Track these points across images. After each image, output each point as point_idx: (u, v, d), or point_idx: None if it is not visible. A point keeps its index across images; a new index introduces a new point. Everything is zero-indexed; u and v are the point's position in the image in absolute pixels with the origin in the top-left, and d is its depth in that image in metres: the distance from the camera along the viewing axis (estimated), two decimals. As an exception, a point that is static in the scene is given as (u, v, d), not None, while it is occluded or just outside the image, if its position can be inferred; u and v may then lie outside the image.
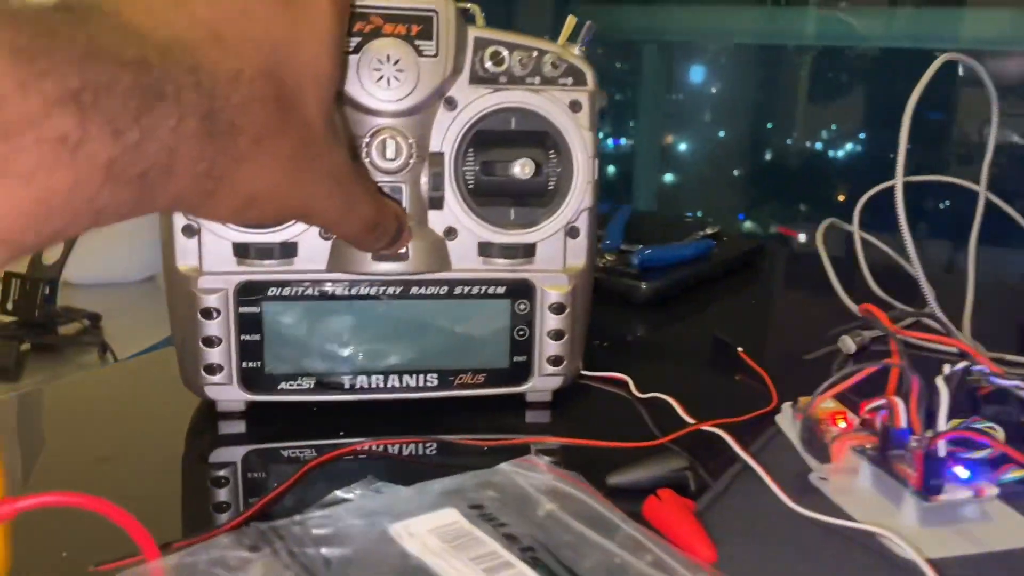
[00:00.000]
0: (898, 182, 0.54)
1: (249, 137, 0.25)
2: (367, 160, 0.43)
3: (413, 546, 0.30)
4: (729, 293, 0.73)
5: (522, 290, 0.47)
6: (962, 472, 0.38)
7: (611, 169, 1.97)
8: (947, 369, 0.42)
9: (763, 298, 0.75)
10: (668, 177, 1.99)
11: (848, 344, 0.58)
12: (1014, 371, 0.54)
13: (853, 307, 0.63)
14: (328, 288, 0.45)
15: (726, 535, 0.36)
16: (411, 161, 0.43)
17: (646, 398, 0.50)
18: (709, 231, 0.79)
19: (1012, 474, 0.39)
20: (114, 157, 0.22)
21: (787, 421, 0.46)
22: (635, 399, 0.50)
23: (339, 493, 0.38)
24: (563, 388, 0.49)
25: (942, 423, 0.38)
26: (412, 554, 0.30)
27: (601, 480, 0.40)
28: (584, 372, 0.52)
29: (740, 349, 0.56)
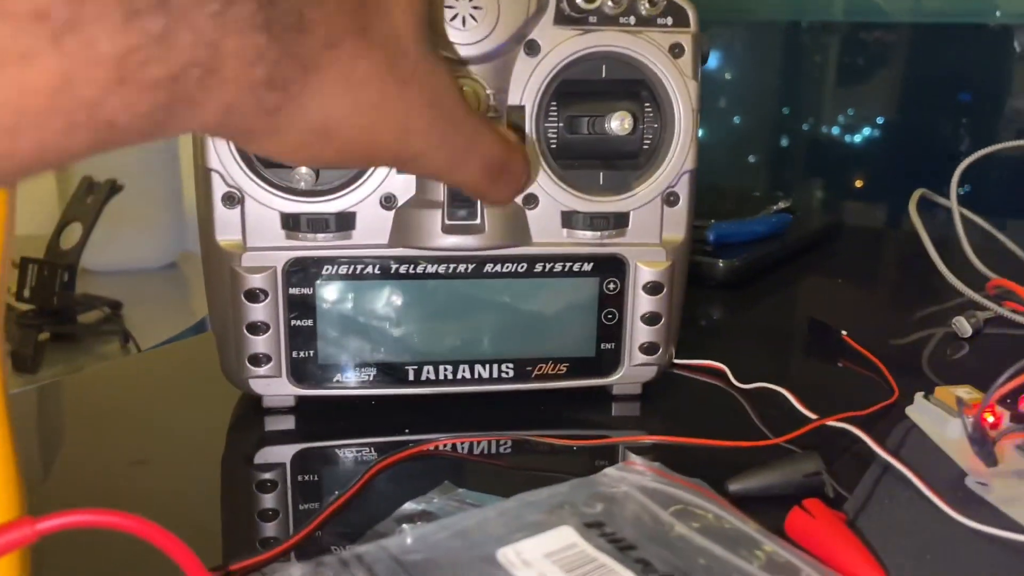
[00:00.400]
0: (1029, 141, 0.48)
1: (321, 38, 0.19)
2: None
3: (531, 578, 0.24)
4: (809, 271, 0.67)
5: (612, 267, 0.40)
6: None
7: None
8: None
9: (849, 277, 0.69)
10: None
11: (964, 326, 0.51)
12: None
13: (960, 285, 0.56)
14: (391, 266, 0.39)
15: (886, 553, 0.30)
16: (489, 116, 0.37)
17: (749, 389, 0.44)
18: (782, 205, 0.72)
19: None
20: (128, 49, 0.15)
21: (922, 414, 0.40)
22: (736, 390, 0.44)
23: (413, 504, 0.32)
24: (654, 379, 0.43)
25: None
26: (532, 589, 0.24)
27: (718, 487, 0.34)
28: (675, 360, 0.45)
29: (844, 333, 0.50)
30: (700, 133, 0.40)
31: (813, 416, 0.39)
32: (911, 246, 0.65)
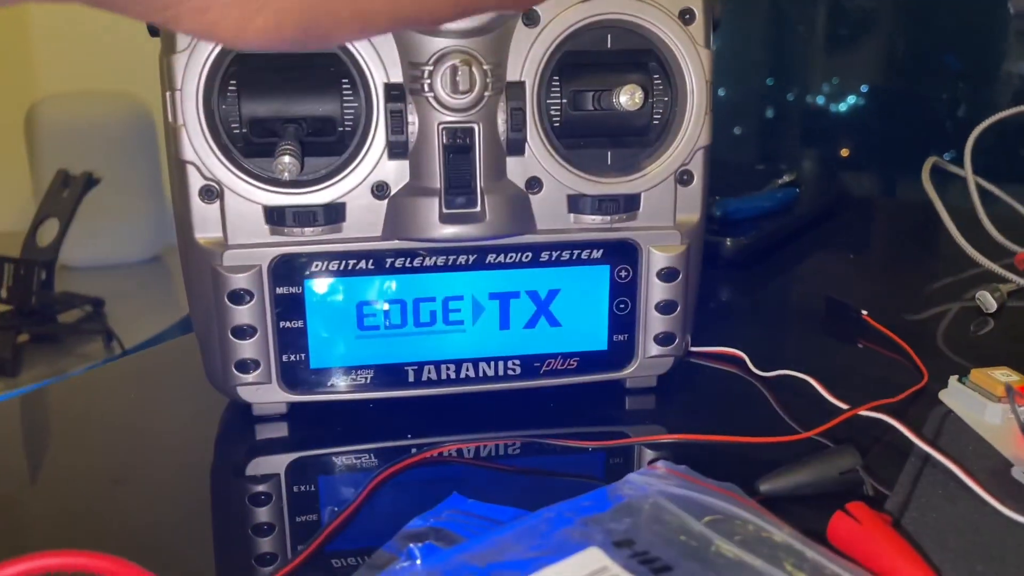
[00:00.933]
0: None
1: None
2: (430, 95, 0.34)
3: (563, 614, 0.22)
4: (819, 247, 0.64)
5: (623, 253, 0.38)
6: None
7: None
8: None
9: (860, 251, 0.66)
10: None
11: (988, 301, 0.49)
12: None
13: (981, 258, 0.54)
14: (385, 259, 0.36)
15: (935, 556, 0.28)
16: (486, 94, 0.34)
17: (770, 377, 0.41)
18: (787, 179, 0.70)
19: None
20: None
21: (957, 399, 0.38)
22: (756, 378, 0.42)
23: (421, 521, 0.30)
24: (670, 370, 0.40)
25: None
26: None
27: (747, 487, 0.31)
28: (691, 348, 0.43)
29: (864, 312, 0.47)
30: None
31: (844, 406, 0.37)
32: (919, 217, 0.63)
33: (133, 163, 1.08)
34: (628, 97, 0.34)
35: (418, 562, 0.26)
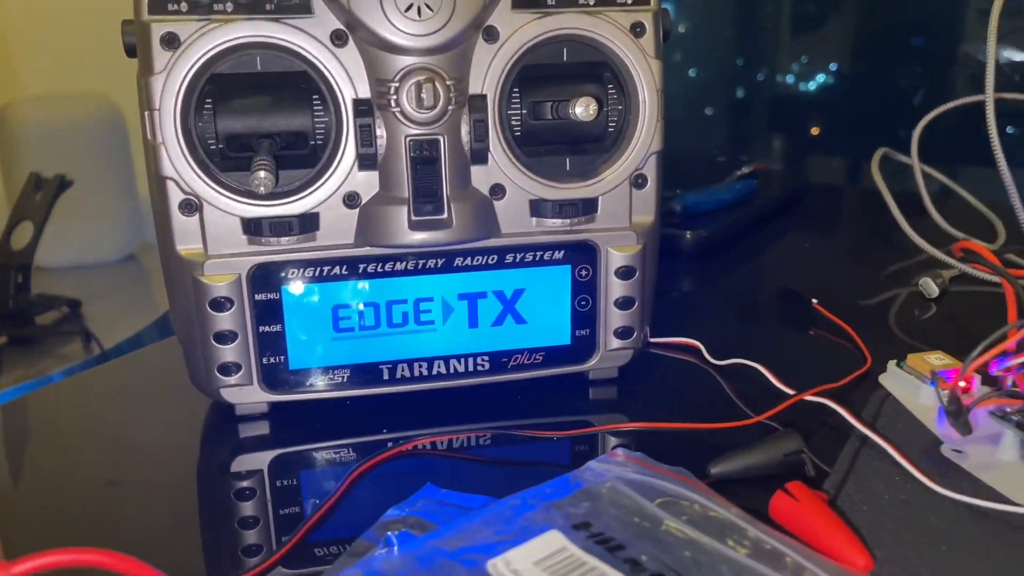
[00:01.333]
0: (989, 99, 0.48)
1: None
2: (397, 110, 0.36)
3: (524, 590, 0.24)
4: (776, 237, 0.67)
5: (583, 253, 0.40)
6: None
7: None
8: None
9: (815, 240, 0.69)
10: None
11: (931, 287, 0.52)
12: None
13: (925, 245, 0.57)
14: (358, 265, 0.38)
15: (867, 529, 0.30)
16: (450, 107, 0.36)
17: (724, 365, 0.44)
18: (746, 170, 0.72)
19: None
20: None
21: (896, 382, 0.40)
22: (712, 367, 0.44)
23: (396, 511, 0.32)
24: (630, 361, 0.43)
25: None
26: (525, 601, 0.24)
27: (699, 470, 0.34)
28: (650, 340, 0.45)
29: (814, 301, 0.50)
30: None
31: (790, 392, 0.40)
32: (875, 204, 0.66)
33: (106, 163, 1.08)
34: (583, 108, 0.37)
35: (395, 549, 0.28)
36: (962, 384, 0.38)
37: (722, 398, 0.41)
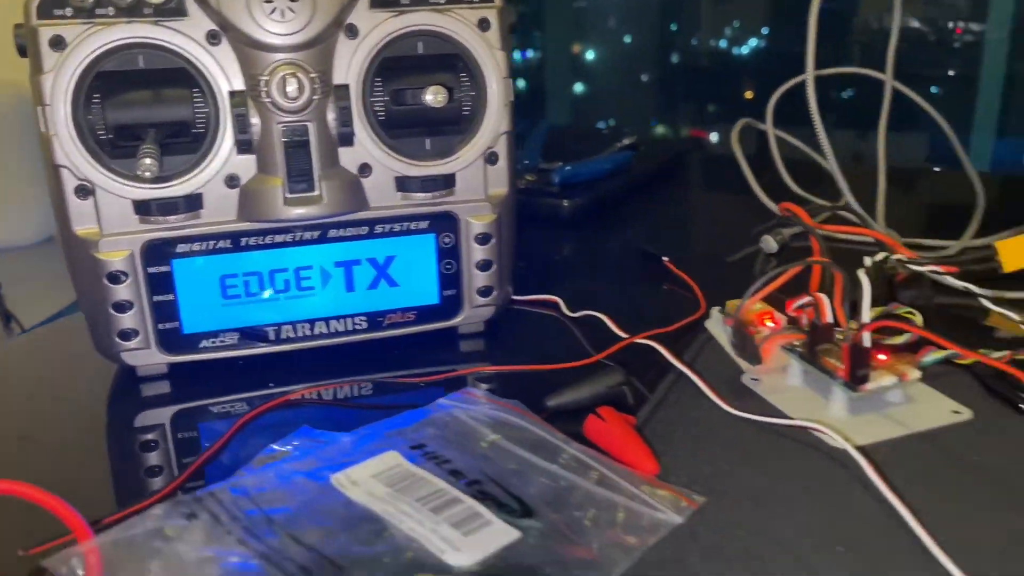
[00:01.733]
0: (809, 76, 0.54)
1: None
2: (268, 100, 0.41)
3: (357, 494, 0.30)
4: (652, 203, 0.74)
5: (445, 223, 0.45)
6: (884, 359, 0.39)
7: (522, 83, 1.93)
8: (868, 261, 0.43)
9: (684, 205, 0.76)
10: (579, 87, 1.97)
11: (770, 244, 0.59)
12: (927, 255, 0.56)
13: (772, 206, 0.64)
14: (240, 239, 0.43)
15: (667, 445, 0.37)
16: (315, 97, 0.41)
17: (578, 317, 0.50)
18: (626, 142, 0.78)
19: (932, 356, 0.41)
20: None
21: (716, 326, 0.47)
22: (568, 319, 0.50)
23: (275, 447, 0.37)
24: (495, 316, 0.49)
25: (865, 315, 0.39)
26: (357, 502, 0.29)
27: (540, 404, 0.40)
28: (515, 297, 0.51)
29: (666, 259, 0.57)
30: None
31: (624, 335, 0.46)
32: (739, 169, 0.72)
33: (21, 149, 1.09)
34: (432, 96, 0.42)
35: (259, 475, 0.33)
36: (771, 324, 0.44)
37: (573, 344, 0.48)
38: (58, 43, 0.38)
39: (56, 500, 0.29)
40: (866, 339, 0.38)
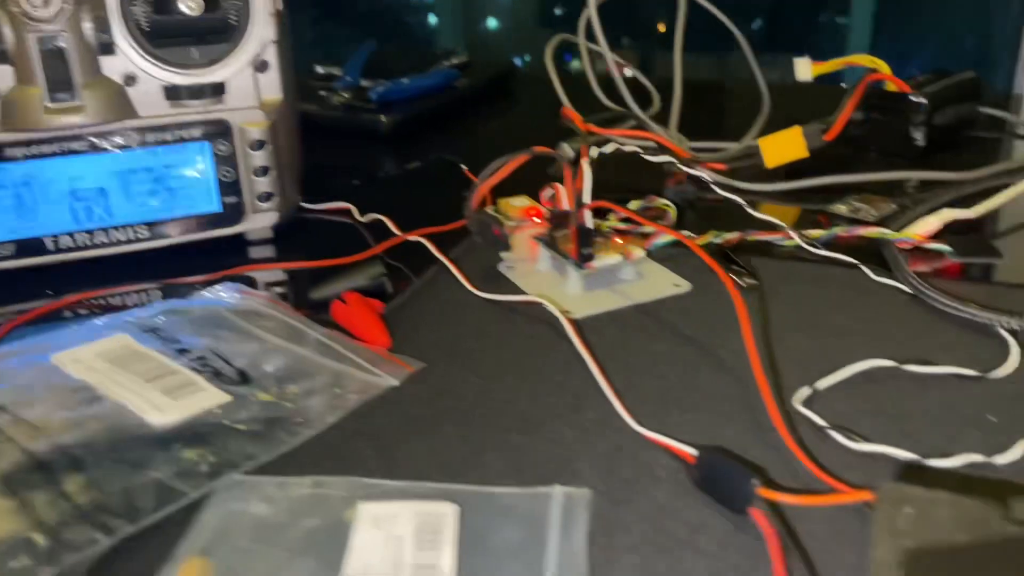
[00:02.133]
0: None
1: None
2: (19, 11, 0.41)
3: (76, 371, 0.32)
4: (477, 120, 0.76)
5: (219, 131, 0.47)
6: (621, 242, 0.43)
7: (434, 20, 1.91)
8: (566, 146, 0.47)
9: (503, 121, 0.78)
10: (492, 23, 1.97)
11: (567, 151, 0.62)
12: (706, 155, 0.61)
13: (574, 117, 0.67)
14: (4, 150, 0.44)
15: (413, 325, 0.40)
16: (65, 6, 0.42)
17: (367, 221, 0.53)
18: (456, 60, 0.80)
19: (662, 239, 0.45)
20: None
21: (490, 223, 0.50)
22: (357, 224, 0.53)
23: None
24: (284, 223, 0.51)
25: (587, 198, 0.42)
26: (74, 377, 0.32)
27: (307, 298, 0.43)
28: (307, 205, 0.54)
29: (464, 168, 0.59)
30: None
31: (398, 233, 0.49)
32: (577, 85, 0.75)
33: None
34: (185, 5, 0.43)
35: None
36: (537, 220, 0.48)
37: (360, 244, 0.50)
38: None
39: None
40: (588, 220, 0.42)
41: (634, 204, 0.51)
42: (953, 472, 0.29)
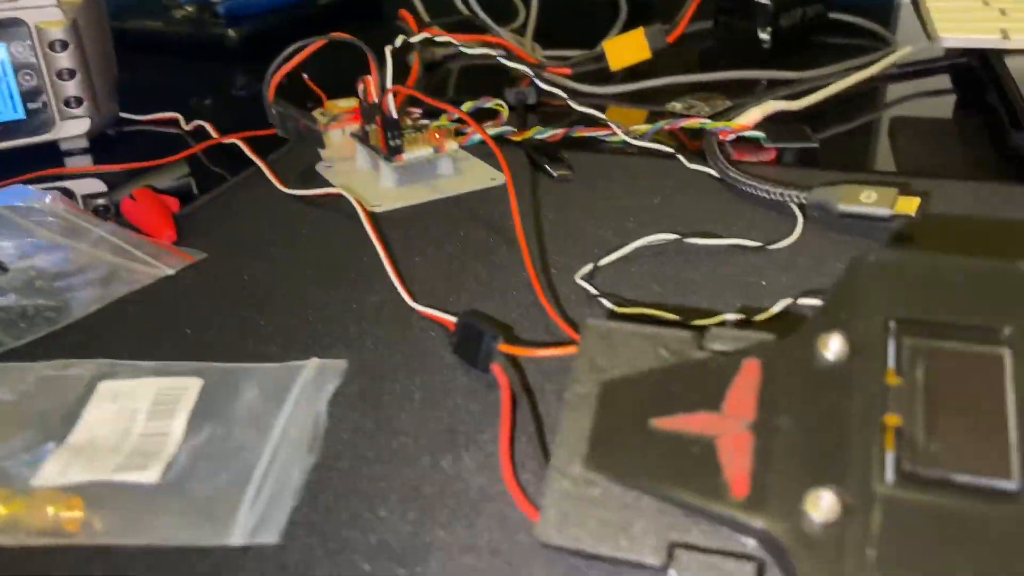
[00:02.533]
0: None
1: None
2: None
3: None
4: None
5: (15, 31, 0.44)
6: (439, 137, 0.43)
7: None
8: (398, 42, 0.46)
9: (369, 34, 0.76)
10: None
11: (412, 58, 0.61)
12: (553, 62, 0.60)
13: (409, 28, 0.65)
14: None
15: (215, 223, 0.39)
16: None
17: (191, 128, 0.51)
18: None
19: (477, 136, 0.44)
20: None
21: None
22: (183, 133, 0.51)
23: None
24: (101, 132, 0.48)
25: (388, 83, 0.41)
26: None
27: (104, 198, 0.41)
28: (132, 116, 0.51)
29: (305, 76, 0.57)
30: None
31: (216, 135, 0.47)
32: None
33: None
34: None
35: None
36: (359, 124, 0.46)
37: (180, 151, 0.48)
38: None
39: None
40: (392, 110, 0.41)
41: (467, 105, 0.50)
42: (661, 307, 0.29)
